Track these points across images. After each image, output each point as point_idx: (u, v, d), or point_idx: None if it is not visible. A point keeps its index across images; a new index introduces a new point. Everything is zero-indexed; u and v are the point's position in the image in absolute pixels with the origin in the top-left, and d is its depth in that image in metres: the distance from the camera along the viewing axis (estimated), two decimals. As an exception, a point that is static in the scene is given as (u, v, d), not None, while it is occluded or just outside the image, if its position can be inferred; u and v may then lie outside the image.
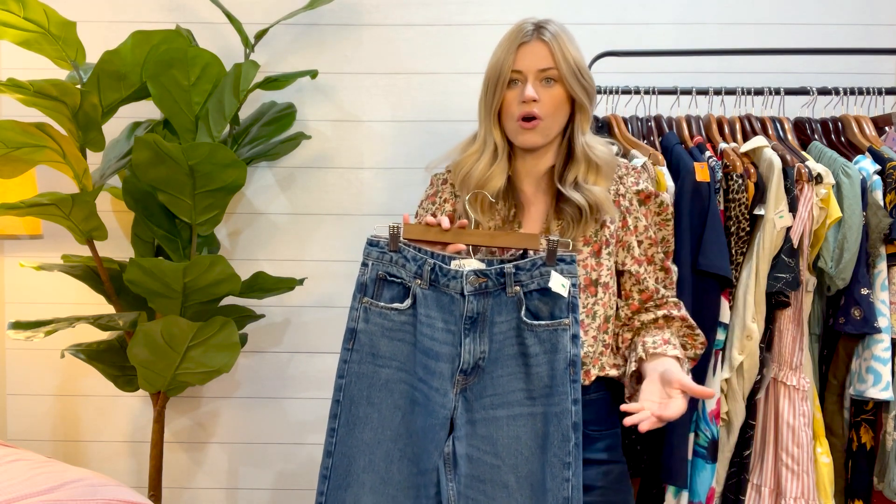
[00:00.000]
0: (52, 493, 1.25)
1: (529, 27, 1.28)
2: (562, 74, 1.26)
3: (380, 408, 1.18)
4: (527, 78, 1.26)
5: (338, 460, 1.18)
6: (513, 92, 1.28)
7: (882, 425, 1.57)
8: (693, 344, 1.34)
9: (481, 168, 1.31)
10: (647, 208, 1.38)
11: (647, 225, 1.36)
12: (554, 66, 1.26)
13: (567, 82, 1.27)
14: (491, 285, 1.17)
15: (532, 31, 1.27)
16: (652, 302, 1.34)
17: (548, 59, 1.26)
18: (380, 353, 1.19)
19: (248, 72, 1.72)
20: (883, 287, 1.55)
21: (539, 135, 1.28)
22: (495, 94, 1.29)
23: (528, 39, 1.27)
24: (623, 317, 1.35)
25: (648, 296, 1.34)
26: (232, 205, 2.08)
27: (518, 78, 1.28)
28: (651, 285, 1.34)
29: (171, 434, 2.11)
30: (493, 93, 1.29)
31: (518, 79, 1.28)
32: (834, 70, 1.96)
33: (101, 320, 1.71)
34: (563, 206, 1.30)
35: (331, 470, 1.18)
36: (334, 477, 1.18)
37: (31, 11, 1.62)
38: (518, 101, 1.27)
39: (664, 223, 1.42)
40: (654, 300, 1.34)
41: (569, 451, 1.12)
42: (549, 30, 1.27)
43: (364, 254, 1.20)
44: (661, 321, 1.32)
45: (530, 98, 1.25)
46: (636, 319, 1.34)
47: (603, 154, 1.32)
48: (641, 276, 1.34)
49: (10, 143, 1.57)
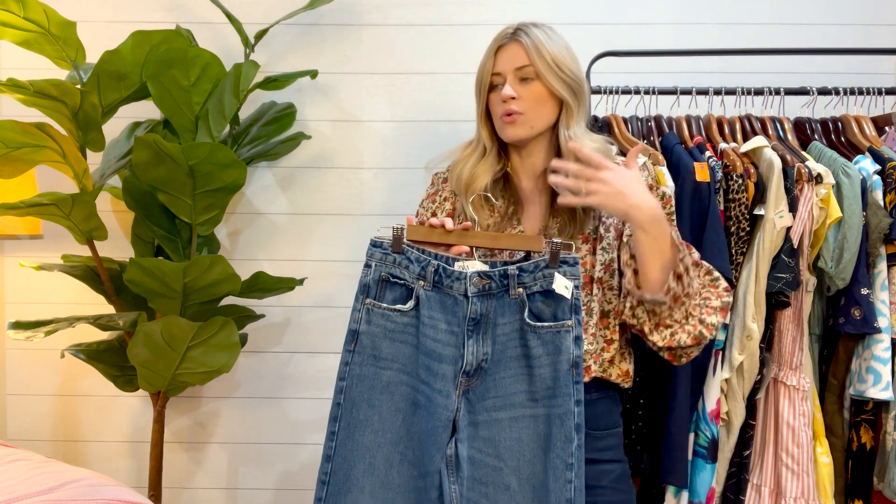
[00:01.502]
0: (52, 493, 1.25)
1: (509, 31, 1.32)
2: (538, 71, 1.29)
3: (380, 410, 1.18)
4: (506, 79, 1.30)
5: (337, 464, 1.17)
6: (495, 94, 1.33)
7: (882, 425, 1.57)
8: (718, 293, 1.27)
9: (469, 167, 1.36)
10: None
11: None
12: (529, 63, 1.29)
13: (544, 78, 1.29)
14: (494, 287, 1.17)
15: (510, 34, 1.32)
16: None
17: (523, 57, 1.29)
18: (381, 354, 1.19)
19: (248, 72, 1.72)
20: (883, 287, 1.55)
21: (521, 127, 1.31)
22: (480, 98, 1.36)
23: (505, 42, 1.32)
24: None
25: None
26: (232, 205, 2.08)
27: (498, 81, 1.32)
28: None
29: (171, 434, 2.11)
30: (479, 96, 1.36)
31: (498, 81, 1.32)
32: (834, 70, 1.96)
33: (101, 320, 1.71)
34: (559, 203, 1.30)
35: (329, 475, 1.17)
36: (333, 482, 1.17)
37: (31, 11, 1.62)
38: (500, 101, 1.31)
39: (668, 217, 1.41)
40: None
41: (571, 452, 1.12)
42: (525, 31, 1.31)
43: (367, 255, 1.20)
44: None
45: (507, 96, 1.29)
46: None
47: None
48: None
49: (10, 143, 1.57)
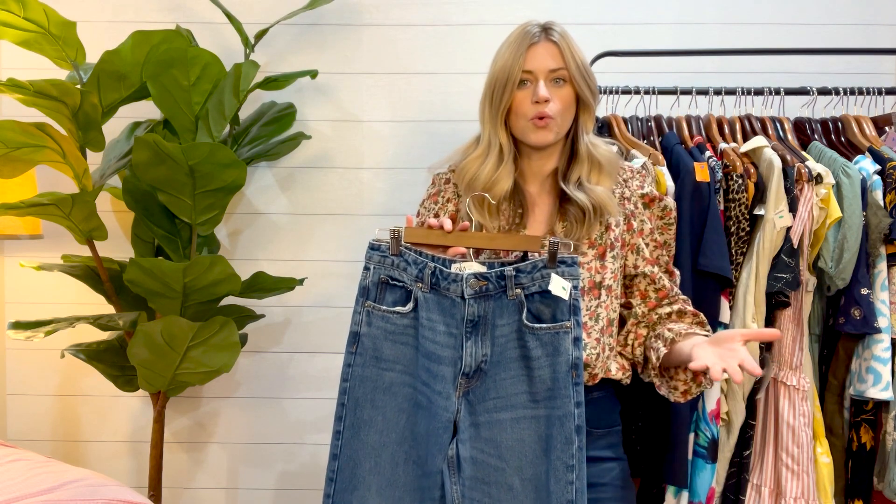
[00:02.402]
0: (52, 493, 1.25)
1: (536, 28, 1.29)
2: (571, 75, 1.27)
3: (384, 411, 1.18)
4: (538, 78, 1.27)
5: (344, 463, 1.18)
6: (523, 92, 1.29)
7: (882, 425, 1.57)
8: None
9: (488, 170, 1.31)
10: (651, 212, 1.38)
11: (653, 228, 1.37)
12: (564, 66, 1.27)
13: (576, 82, 1.28)
14: (492, 288, 1.16)
15: (540, 31, 1.29)
16: (667, 299, 1.35)
17: (558, 59, 1.27)
18: (383, 356, 1.19)
19: (248, 72, 1.72)
20: (883, 287, 1.55)
21: (552, 133, 1.29)
22: (503, 96, 1.29)
23: (537, 40, 1.28)
24: (639, 314, 1.35)
25: (665, 294, 1.35)
26: (232, 205, 2.08)
27: (528, 78, 1.28)
28: (667, 283, 1.35)
29: (171, 434, 2.11)
30: (502, 94, 1.29)
31: (528, 79, 1.28)
32: (834, 70, 1.97)
33: (101, 320, 1.71)
34: (567, 206, 1.31)
35: (337, 472, 1.18)
36: (340, 479, 1.18)
37: (31, 11, 1.62)
38: (530, 100, 1.28)
39: (667, 227, 1.42)
40: (670, 297, 1.35)
41: (572, 454, 1.12)
42: (556, 30, 1.29)
43: (366, 257, 1.20)
44: (676, 315, 1.33)
45: (543, 98, 1.26)
46: (653, 314, 1.34)
47: (606, 153, 1.33)
48: (656, 276, 1.34)
49: (10, 143, 1.57)
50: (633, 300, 1.36)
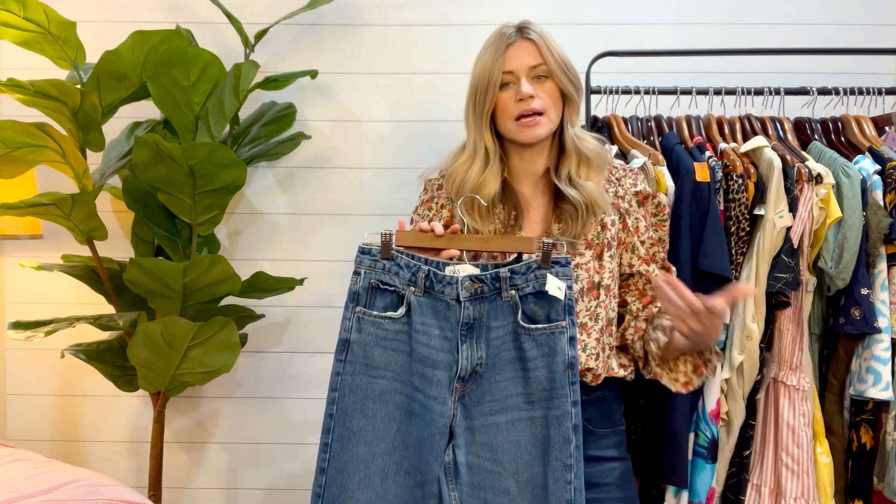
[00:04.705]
0: (52, 493, 1.25)
1: (511, 29, 1.30)
2: (551, 70, 1.28)
3: (374, 420, 1.16)
4: (519, 77, 1.28)
5: (332, 477, 1.15)
6: (507, 93, 1.29)
7: (882, 425, 1.57)
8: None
9: (474, 175, 1.30)
10: (645, 209, 1.38)
11: (647, 225, 1.37)
12: (543, 62, 1.28)
13: (557, 77, 1.28)
14: (486, 290, 1.16)
15: (515, 32, 1.30)
16: None
17: (536, 55, 1.28)
18: (374, 363, 1.16)
19: (248, 72, 1.72)
20: (883, 287, 1.55)
21: (543, 127, 1.29)
22: (486, 99, 1.29)
23: (513, 40, 1.29)
24: (635, 310, 1.36)
25: None
26: (232, 205, 2.08)
27: (510, 79, 1.29)
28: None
29: (171, 434, 2.11)
30: (485, 97, 1.29)
31: (510, 80, 1.29)
32: (834, 70, 1.96)
33: (101, 320, 1.71)
34: (562, 205, 1.31)
35: (324, 488, 1.15)
36: (328, 495, 1.15)
37: (31, 11, 1.62)
38: (514, 99, 1.28)
39: (660, 224, 1.42)
40: None
41: (570, 453, 1.12)
42: (532, 29, 1.30)
43: (356, 262, 1.18)
44: None
45: (527, 95, 1.26)
46: (652, 307, 1.35)
47: (592, 146, 1.33)
48: (651, 274, 1.35)
49: (10, 143, 1.57)
50: (629, 297, 1.36)
